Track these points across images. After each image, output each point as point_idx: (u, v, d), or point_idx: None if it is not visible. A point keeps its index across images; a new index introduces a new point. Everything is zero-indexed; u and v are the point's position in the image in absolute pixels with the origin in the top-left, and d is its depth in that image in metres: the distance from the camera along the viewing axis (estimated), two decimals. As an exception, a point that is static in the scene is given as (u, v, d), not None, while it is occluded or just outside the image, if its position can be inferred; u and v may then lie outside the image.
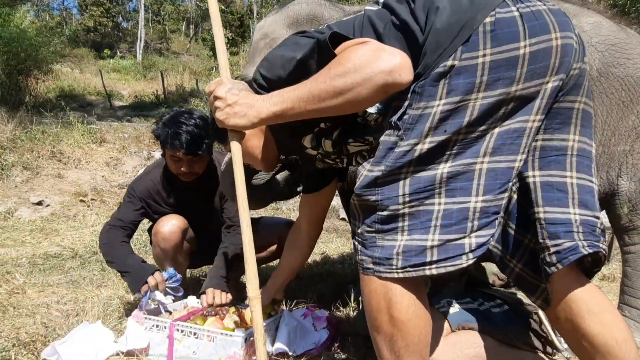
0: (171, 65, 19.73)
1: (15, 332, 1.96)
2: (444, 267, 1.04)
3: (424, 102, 1.03)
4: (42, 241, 4.29)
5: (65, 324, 2.09)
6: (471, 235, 1.03)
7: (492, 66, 0.98)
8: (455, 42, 1.00)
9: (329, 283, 2.95)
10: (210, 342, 1.73)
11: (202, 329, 1.77)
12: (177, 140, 2.12)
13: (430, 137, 1.02)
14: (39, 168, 6.61)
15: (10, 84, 9.12)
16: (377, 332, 1.10)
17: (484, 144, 1.02)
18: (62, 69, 14.38)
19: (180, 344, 1.78)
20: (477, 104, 1.00)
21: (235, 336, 1.71)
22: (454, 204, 1.03)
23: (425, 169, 1.04)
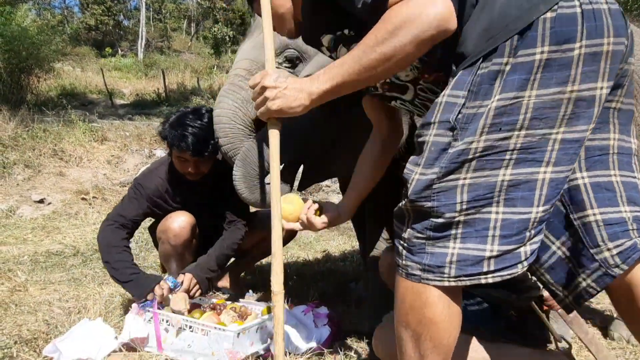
0: (172, 63, 19.72)
1: (17, 329, 1.96)
2: (500, 276, 1.02)
3: (479, 100, 1.01)
4: (43, 239, 4.30)
5: (67, 321, 2.09)
6: (527, 244, 1.02)
7: (547, 64, 0.97)
8: (510, 26, 0.98)
9: (331, 281, 2.95)
10: (204, 335, 1.74)
11: (195, 322, 1.78)
12: (183, 142, 2.13)
13: (486, 134, 1.00)
14: (40, 166, 6.62)
15: (12, 82, 9.12)
16: (405, 328, 1.09)
17: (547, 153, 1.00)
18: (64, 68, 14.39)
19: (177, 337, 1.79)
20: (530, 101, 0.98)
21: (228, 331, 1.71)
22: (515, 214, 1.00)
23: (484, 174, 1.01)
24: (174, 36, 31.75)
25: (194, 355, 1.75)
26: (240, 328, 1.75)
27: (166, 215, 2.36)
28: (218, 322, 1.85)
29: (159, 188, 2.33)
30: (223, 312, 1.95)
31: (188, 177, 2.27)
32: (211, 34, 24.20)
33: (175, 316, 1.83)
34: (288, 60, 2.13)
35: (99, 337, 1.80)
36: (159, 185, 2.34)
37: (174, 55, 24.51)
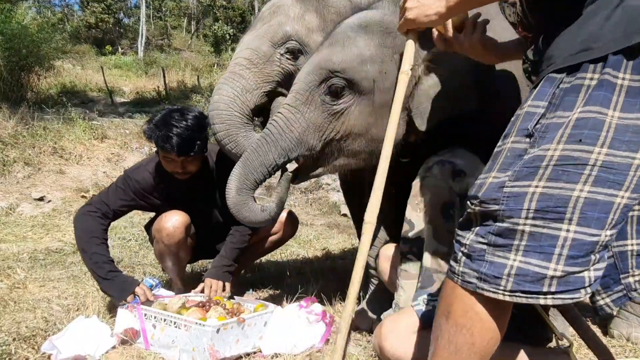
0: (172, 61, 19.69)
1: (15, 327, 1.96)
2: (561, 299, 0.98)
3: (560, 111, 0.99)
4: (43, 236, 4.30)
5: (65, 318, 2.09)
6: (591, 268, 0.98)
7: (629, 90, 0.96)
8: (606, 46, 0.98)
9: (331, 279, 2.95)
10: (186, 331, 1.74)
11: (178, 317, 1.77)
12: (168, 142, 2.10)
13: (564, 143, 0.97)
14: (40, 164, 6.61)
15: (12, 80, 9.11)
16: (446, 318, 1.06)
17: (628, 177, 0.96)
18: (64, 66, 14.36)
19: (162, 333, 1.79)
20: (613, 121, 0.95)
21: (207, 326, 1.70)
22: (587, 235, 0.96)
23: (559, 186, 0.97)
24: (174, 34, 31.70)
25: (177, 350, 1.75)
26: (220, 324, 1.73)
27: (159, 212, 2.36)
28: (201, 318, 1.82)
29: (147, 182, 2.32)
30: (211, 309, 1.93)
31: (177, 176, 2.26)
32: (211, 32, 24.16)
33: (158, 312, 1.83)
34: (290, 51, 2.13)
35: (96, 334, 1.80)
36: (148, 179, 2.33)
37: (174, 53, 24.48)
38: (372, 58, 1.78)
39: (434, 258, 1.52)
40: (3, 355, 1.68)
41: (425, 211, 1.55)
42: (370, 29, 1.81)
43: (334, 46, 1.82)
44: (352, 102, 1.80)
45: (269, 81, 2.15)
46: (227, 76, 2.11)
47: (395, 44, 1.79)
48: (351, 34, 1.81)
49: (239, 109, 2.06)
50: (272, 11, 2.20)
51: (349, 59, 1.77)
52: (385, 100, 1.78)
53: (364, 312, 2.21)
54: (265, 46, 2.13)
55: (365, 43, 1.79)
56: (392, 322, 1.44)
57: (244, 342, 1.84)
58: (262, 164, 1.81)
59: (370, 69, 1.77)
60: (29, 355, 1.68)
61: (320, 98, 1.80)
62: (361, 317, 2.18)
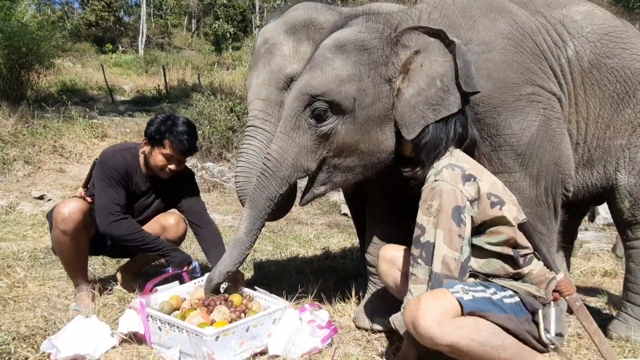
0: (173, 60, 19.66)
1: (15, 326, 1.96)
2: None
3: None
4: (43, 235, 4.28)
5: (65, 317, 2.09)
6: None
7: None
8: None
9: (331, 278, 2.94)
10: (188, 337, 1.74)
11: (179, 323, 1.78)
12: (182, 141, 2.31)
13: None
14: (40, 162, 6.61)
15: (12, 78, 9.08)
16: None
17: None
18: (64, 64, 14.34)
19: (167, 336, 1.79)
20: None
21: (204, 335, 1.68)
22: None
23: None
24: (175, 32, 31.66)
25: (182, 354, 1.76)
26: (218, 331, 1.71)
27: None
28: (206, 321, 1.82)
29: (121, 168, 2.36)
30: (215, 309, 1.93)
31: (162, 175, 2.39)
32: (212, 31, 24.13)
33: (163, 316, 1.83)
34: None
35: (95, 333, 1.80)
36: (122, 165, 2.37)
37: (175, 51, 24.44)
38: (350, 77, 1.83)
39: (444, 263, 1.52)
40: (2, 354, 1.68)
41: (436, 215, 1.53)
42: (346, 48, 1.86)
43: (313, 70, 1.88)
44: (337, 122, 1.86)
45: None
46: (250, 131, 2.30)
47: (371, 60, 1.84)
48: (328, 55, 1.87)
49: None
50: (268, 50, 2.33)
51: (328, 82, 1.83)
52: (368, 115, 1.84)
53: (364, 311, 2.21)
54: (273, 95, 2.29)
55: (342, 63, 1.84)
56: (432, 301, 1.44)
57: (249, 343, 1.84)
58: (268, 198, 1.93)
59: (349, 89, 1.82)
60: (28, 355, 1.68)
61: (306, 122, 1.88)
62: (361, 317, 2.18)
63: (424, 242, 1.55)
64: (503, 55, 1.85)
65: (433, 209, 1.55)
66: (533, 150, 1.84)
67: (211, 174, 7.42)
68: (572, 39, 1.98)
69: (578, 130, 1.97)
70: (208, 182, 7.20)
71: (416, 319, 1.41)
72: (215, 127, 8.03)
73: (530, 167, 1.85)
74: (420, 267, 1.56)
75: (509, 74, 1.84)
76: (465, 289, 1.48)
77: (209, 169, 7.49)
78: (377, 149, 1.86)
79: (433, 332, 1.39)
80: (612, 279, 3.37)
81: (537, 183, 1.86)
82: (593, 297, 2.85)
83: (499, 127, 1.84)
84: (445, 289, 1.48)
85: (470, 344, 1.38)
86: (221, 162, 7.87)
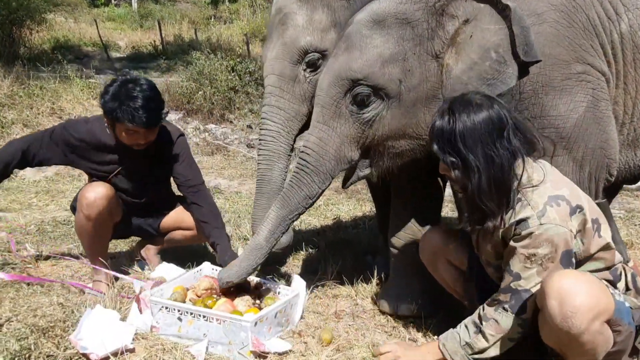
0: (168, 13, 18.92)
1: (31, 315, 1.90)
2: None
3: None
4: (49, 204, 4.21)
5: (82, 302, 2.02)
6: None
7: None
8: None
9: (347, 254, 2.88)
10: (219, 325, 1.70)
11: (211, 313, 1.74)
12: (136, 117, 2.05)
13: None
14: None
15: (4, 34, 8.77)
16: None
17: None
18: (56, 19, 13.76)
19: (191, 325, 1.75)
20: None
21: (244, 321, 1.68)
22: None
23: None
24: (169, -17, 30.38)
25: (210, 343, 1.72)
26: (257, 317, 1.71)
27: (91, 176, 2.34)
28: (233, 310, 1.80)
29: (84, 139, 2.22)
30: (236, 299, 1.90)
31: (136, 147, 2.18)
32: (207, -19, 23.09)
33: (185, 306, 1.79)
34: (310, 65, 2.14)
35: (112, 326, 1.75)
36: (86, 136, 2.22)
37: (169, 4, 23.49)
38: (394, 56, 1.67)
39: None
40: (23, 350, 1.62)
41: (541, 264, 1.37)
42: (386, 22, 1.68)
43: (351, 50, 1.70)
44: (382, 107, 1.71)
45: (303, 100, 2.22)
46: (267, 110, 2.21)
47: (415, 34, 1.67)
48: (366, 31, 1.69)
49: (285, 141, 2.20)
50: (281, 21, 2.19)
51: (369, 64, 1.66)
52: (416, 97, 1.70)
53: (388, 295, 2.15)
54: (287, 69, 2.18)
55: (383, 40, 1.67)
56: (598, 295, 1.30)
57: (275, 329, 1.84)
58: (307, 196, 1.81)
59: (393, 70, 1.67)
60: (49, 351, 1.62)
61: (347, 110, 1.72)
62: (386, 301, 2.13)
63: (518, 289, 1.41)
64: (555, 29, 1.70)
65: (538, 257, 1.37)
66: (579, 134, 1.72)
67: (214, 137, 7.27)
68: (627, 11, 1.81)
69: (625, 110, 1.84)
70: (211, 145, 7.06)
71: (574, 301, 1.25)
72: (216, 87, 7.81)
73: (574, 152, 1.74)
74: (505, 315, 1.43)
75: (560, 51, 1.69)
76: (619, 292, 1.40)
77: (211, 131, 7.33)
78: (426, 132, 1.72)
79: (582, 325, 1.25)
80: (629, 250, 3.32)
81: (581, 168, 1.76)
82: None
83: (545, 107, 1.71)
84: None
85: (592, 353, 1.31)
86: (224, 124, 7.70)
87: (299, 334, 1.89)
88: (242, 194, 4.94)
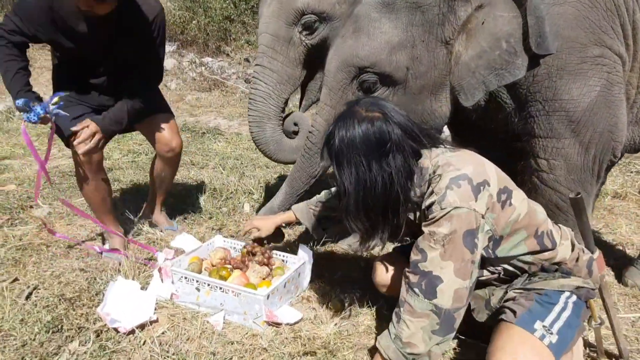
0: None
1: (57, 282, 2.01)
2: None
3: None
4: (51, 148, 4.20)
5: (103, 270, 2.14)
6: None
7: None
8: None
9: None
10: (235, 297, 1.82)
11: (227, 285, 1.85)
12: None
13: None
14: (30, 59, 6.23)
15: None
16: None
17: None
18: None
19: (209, 296, 1.88)
20: None
21: (258, 295, 1.79)
22: None
23: None
24: None
25: (227, 312, 1.85)
26: (269, 290, 1.82)
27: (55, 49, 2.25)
28: (247, 283, 1.91)
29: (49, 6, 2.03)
30: (249, 270, 2.01)
31: (98, 11, 1.92)
32: None
33: (204, 278, 1.90)
34: (306, 27, 2.14)
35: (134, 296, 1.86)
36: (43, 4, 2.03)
37: None
38: (402, 43, 1.63)
39: (457, 298, 1.33)
40: (55, 321, 1.74)
41: (443, 244, 1.31)
42: (395, 6, 1.64)
43: (358, 35, 1.66)
44: (388, 93, 1.72)
45: (297, 64, 2.22)
46: (259, 70, 2.21)
47: (425, 20, 1.63)
48: (375, 14, 1.65)
49: (275, 103, 2.22)
50: None
51: (377, 51, 1.63)
52: (422, 85, 1.69)
53: None
54: (282, 30, 2.14)
55: (392, 26, 1.63)
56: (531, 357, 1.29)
57: (285, 297, 1.96)
58: (310, 176, 1.94)
59: (400, 57, 1.64)
60: (80, 323, 1.75)
61: (354, 96, 1.72)
62: None
63: (426, 271, 1.34)
64: (576, 10, 1.64)
65: (439, 236, 1.31)
66: (589, 118, 1.73)
67: (211, 71, 7.10)
68: None
69: (638, 90, 1.82)
70: (208, 80, 6.92)
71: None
72: (211, 16, 7.48)
73: (582, 135, 1.76)
74: (418, 299, 1.35)
75: (579, 33, 1.65)
76: (546, 328, 1.33)
77: (207, 64, 7.14)
78: (431, 117, 1.75)
79: None
80: (622, 201, 3.43)
81: (586, 151, 1.78)
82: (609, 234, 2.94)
83: (558, 90, 1.71)
84: (528, 333, 1.32)
85: None
86: (220, 57, 7.47)
87: (308, 299, 2.02)
88: (243, 135, 4.94)
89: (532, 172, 1.89)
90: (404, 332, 1.37)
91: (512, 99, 1.81)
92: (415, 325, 1.35)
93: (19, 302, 1.86)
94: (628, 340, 1.81)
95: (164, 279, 1.97)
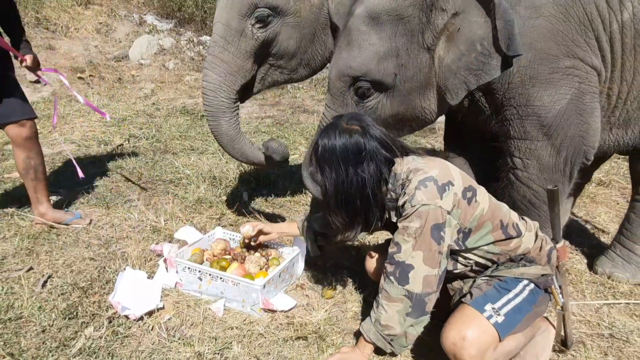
0: None
1: (69, 271, 2.17)
2: None
3: None
4: (51, 130, 4.27)
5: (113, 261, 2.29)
6: None
7: None
8: None
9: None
10: (234, 286, 2.00)
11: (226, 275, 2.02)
12: None
13: None
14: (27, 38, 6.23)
15: None
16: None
17: None
18: None
19: (210, 285, 2.05)
20: None
21: (255, 285, 1.96)
22: None
23: None
24: None
25: (227, 300, 2.03)
26: (265, 281, 1.99)
27: None
28: (245, 273, 2.08)
29: None
30: (246, 261, 2.17)
31: None
32: None
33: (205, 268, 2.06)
34: (259, 20, 2.16)
35: (141, 285, 2.03)
36: None
37: None
38: (388, 53, 1.81)
39: (426, 283, 1.53)
40: (71, 309, 1.91)
41: (415, 237, 1.52)
42: (380, 19, 1.80)
43: (351, 48, 1.85)
44: (382, 97, 1.90)
45: (248, 56, 2.23)
46: (210, 60, 2.22)
47: (407, 30, 1.79)
48: (363, 27, 1.82)
49: (226, 94, 2.24)
50: None
51: (367, 62, 1.81)
52: (411, 87, 1.86)
53: None
54: (234, 21, 2.16)
55: (379, 37, 1.80)
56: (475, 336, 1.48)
57: (281, 285, 2.14)
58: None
59: (388, 66, 1.82)
60: (94, 311, 1.92)
61: (353, 100, 1.92)
62: None
63: (399, 261, 1.55)
64: (549, 24, 1.78)
65: (411, 230, 1.52)
66: (560, 123, 1.87)
67: (208, 49, 7.10)
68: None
69: (619, 95, 1.94)
70: (206, 59, 6.94)
71: (458, 352, 1.48)
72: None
73: (553, 138, 1.90)
74: (393, 285, 1.56)
75: (551, 45, 1.79)
76: (495, 309, 1.53)
77: (206, 43, 7.13)
78: (422, 114, 1.93)
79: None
80: (606, 189, 3.57)
81: (558, 153, 1.92)
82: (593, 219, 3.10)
83: (530, 97, 1.85)
84: (478, 312, 1.52)
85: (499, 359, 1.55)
86: (217, 35, 7.46)
87: (302, 286, 2.20)
88: (242, 118, 5.02)
89: (508, 169, 2.05)
90: (382, 315, 1.60)
91: (489, 104, 1.96)
92: (391, 309, 1.57)
93: (35, 290, 2.03)
94: (590, 325, 2.00)
95: (169, 268, 2.13)
